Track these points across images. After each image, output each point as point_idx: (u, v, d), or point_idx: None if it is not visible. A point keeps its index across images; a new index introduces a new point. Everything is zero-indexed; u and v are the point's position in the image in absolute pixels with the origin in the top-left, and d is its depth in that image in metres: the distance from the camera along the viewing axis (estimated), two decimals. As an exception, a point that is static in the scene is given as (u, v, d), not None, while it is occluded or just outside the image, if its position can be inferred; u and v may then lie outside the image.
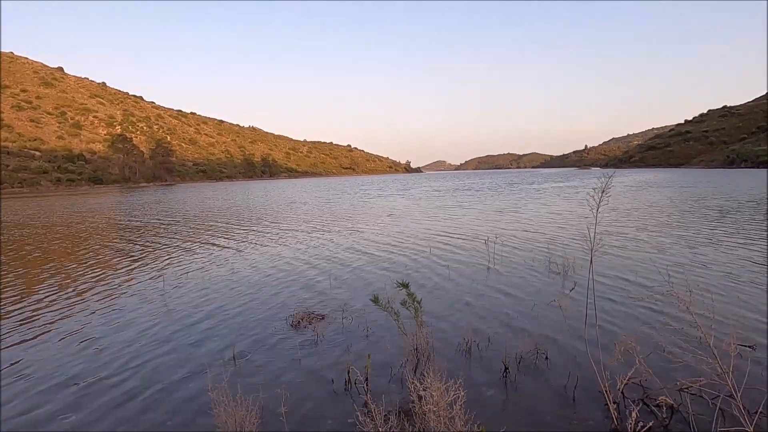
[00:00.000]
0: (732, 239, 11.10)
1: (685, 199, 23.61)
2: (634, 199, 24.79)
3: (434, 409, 2.97)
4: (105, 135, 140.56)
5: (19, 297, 7.72)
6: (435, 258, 9.92)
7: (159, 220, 21.56)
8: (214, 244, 13.11)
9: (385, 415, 3.16)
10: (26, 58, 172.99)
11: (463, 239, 12.47)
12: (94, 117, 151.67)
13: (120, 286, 8.39)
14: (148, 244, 13.76)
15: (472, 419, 3.00)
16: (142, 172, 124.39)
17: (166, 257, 11.21)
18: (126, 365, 4.79)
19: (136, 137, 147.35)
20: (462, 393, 3.02)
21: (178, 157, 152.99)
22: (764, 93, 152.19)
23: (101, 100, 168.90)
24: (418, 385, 3.18)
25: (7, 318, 6.55)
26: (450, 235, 13.44)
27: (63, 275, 9.45)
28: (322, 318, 6.05)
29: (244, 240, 13.90)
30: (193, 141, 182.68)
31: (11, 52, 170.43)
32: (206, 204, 32.88)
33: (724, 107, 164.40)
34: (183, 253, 11.80)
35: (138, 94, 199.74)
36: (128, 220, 21.87)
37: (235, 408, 3.24)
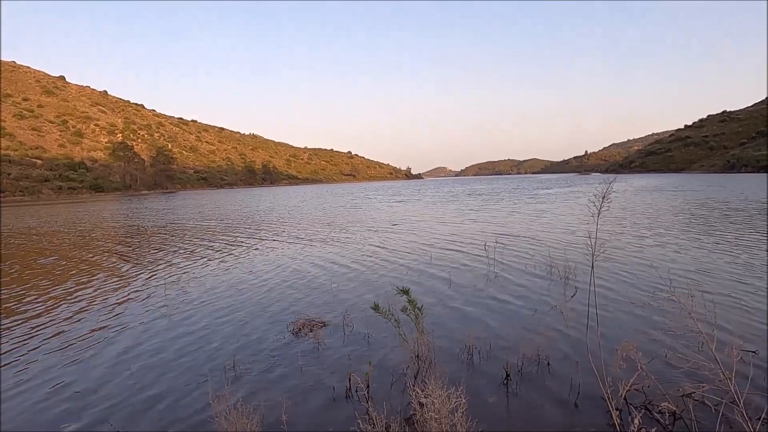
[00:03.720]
0: (733, 243, 11.07)
1: (687, 204, 23.59)
2: (635, 204, 24.78)
3: (436, 416, 2.96)
4: (106, 143, 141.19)
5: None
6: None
7: (165, 226, 21.59)
8: (216, 249, 13.10)
9: (387, 422, 3.15)
10: (28, 67, 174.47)
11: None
12: (95, 125, 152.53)
13: (119, 291, 8.37)
14: (148, 249, 13.77)
15: (473, 427, 2.99)
16: (143, 180, 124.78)
17: (167, 262, 11.19)
18: (125, 372, 4.78)
19: (137, 145, 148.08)
20: (463, 400, 3.01)
21: (179, 165, 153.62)
22: (764, 98, 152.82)
23: (102, 108, 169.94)
24: (419, 392, 3.18)
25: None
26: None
27: (56, 280, 9.45)
28: (323, 325, 6.04)
29: (251, 245, 13.89)
30: (194, 148, 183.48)
31: (13, 62, 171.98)
32: (217, 211, 32.91)
33: (724, 112, 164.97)
34: (185, 258, 11.78)
35: (139, 102, 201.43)
36: (147, 225, 21.91)
37: (236, 416, 3.23)
